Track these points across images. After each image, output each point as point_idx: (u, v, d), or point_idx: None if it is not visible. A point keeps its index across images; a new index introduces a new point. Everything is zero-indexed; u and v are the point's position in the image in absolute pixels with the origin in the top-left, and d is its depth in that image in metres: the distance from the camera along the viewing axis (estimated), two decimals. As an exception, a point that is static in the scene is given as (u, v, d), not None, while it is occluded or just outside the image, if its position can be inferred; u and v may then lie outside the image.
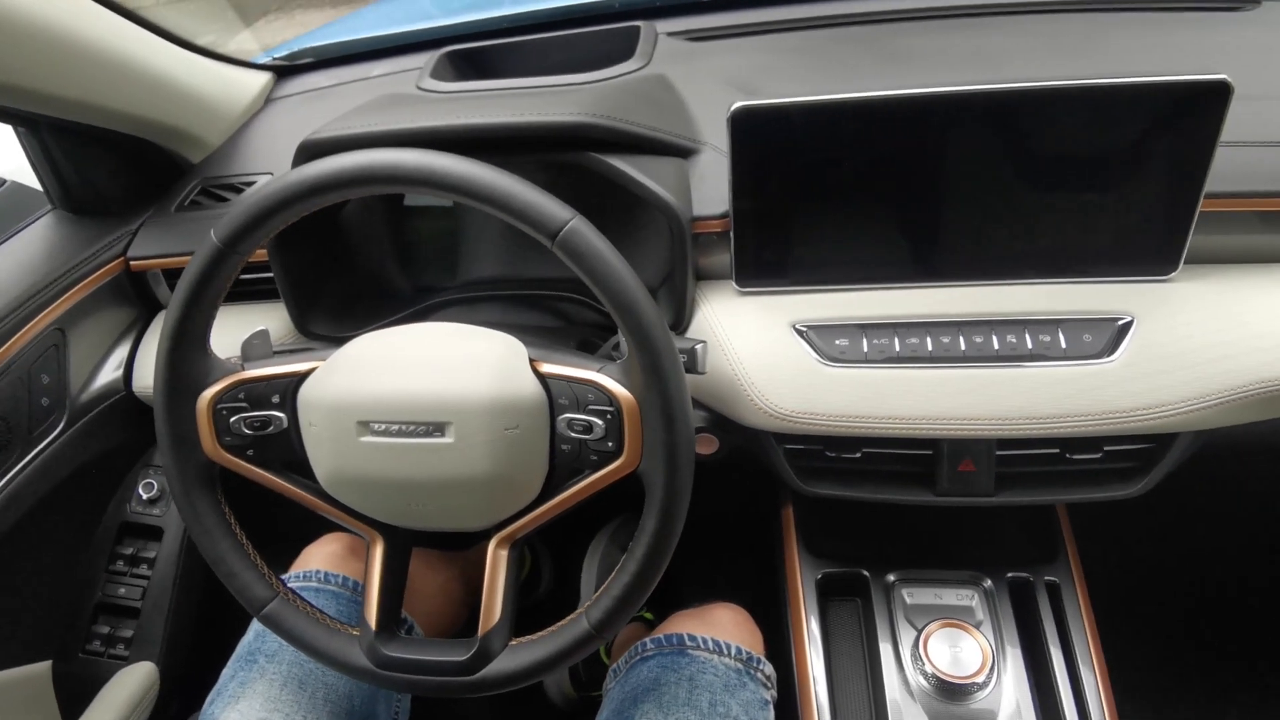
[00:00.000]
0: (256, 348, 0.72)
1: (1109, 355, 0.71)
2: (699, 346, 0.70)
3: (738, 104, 0.70)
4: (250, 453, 0.70)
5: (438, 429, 0.64)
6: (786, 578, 0.89)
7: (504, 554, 0.70)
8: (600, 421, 0.64)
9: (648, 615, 1.27)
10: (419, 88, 1.01)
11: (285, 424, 0.69)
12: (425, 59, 1.09)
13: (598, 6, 1.16)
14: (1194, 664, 1.28)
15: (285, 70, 1.22)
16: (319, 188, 0.63)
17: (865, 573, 0.87)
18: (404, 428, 0.64)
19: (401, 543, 0.74)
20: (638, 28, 1.06)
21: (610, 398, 0.64)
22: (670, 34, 1.08)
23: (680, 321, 0.80)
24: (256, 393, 0.69)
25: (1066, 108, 0.67)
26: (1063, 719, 0.76)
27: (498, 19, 1.20)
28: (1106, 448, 0.74)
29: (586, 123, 0.73)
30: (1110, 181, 0.70)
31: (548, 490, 0.68)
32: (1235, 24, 0.93)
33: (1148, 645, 1.29)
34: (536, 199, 0.60)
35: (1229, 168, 0.72)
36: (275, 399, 0.69)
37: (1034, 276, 0.75)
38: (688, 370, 0.70)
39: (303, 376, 0.69)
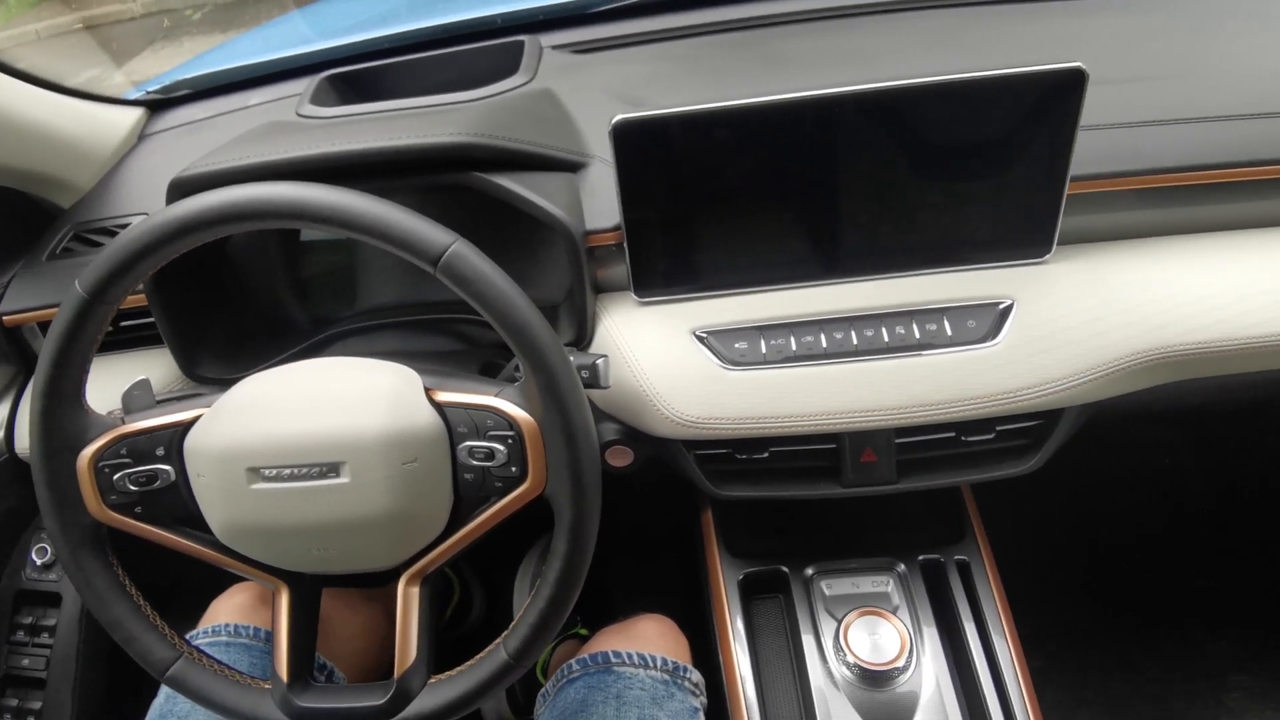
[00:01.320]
0: (137, 399, 0.69)
1: (992, 339, 0.73)
2: (600, 361, 0.70)
3: (618, 117, 0.70)
4: (138, 510, 0.66)
5: (332, 469, 0.62)
6: (709, 580, 0.90)
7: (415, 591, 0.68)
8: (502, 447, 0.63)
9: (581, 631, 1.27)
10: (299, 114, 0.98)
11: (173, 477, 0.66)
12: (305, 84, 1.06)
13: (481, 23, 1.15)
14: (1099, 622, 1.34)
15: (160, 104, 1.17)
16: (185, 229, 0.61)
17: (785, 569, 0.88)
18: (296, 471, 0.62)
19: (308, 588, 0.71)
20: (522, 43, 1.05)
21: (510, 422, 0.63)
22: (555, 47, 1.07)
23: (583, 336, 0.80)
24: (139, 447, 0.66)
25: (934, 103, 0.70)
26: (980, 694, 0.78)
27: (379, 39, 1.17)
28: (999, 428, 0.77)
29: (468, 143, 0.72)
30: (982, 171, 0.73)
31: (455, 521, 0.67)
32: (1090, 10, 0.98)
33: (1056, 609, 1.35)
34: (415, 225, 0.59)
35: (1096, 150, 0.75)
36: (160, 452, 0.66)
37: (920, 267, 0.77)
38: (590, 386, 0.69)
39: (187, 426, 0.66)
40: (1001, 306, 0.74)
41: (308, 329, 0.95)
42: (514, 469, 0.64)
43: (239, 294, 0.91)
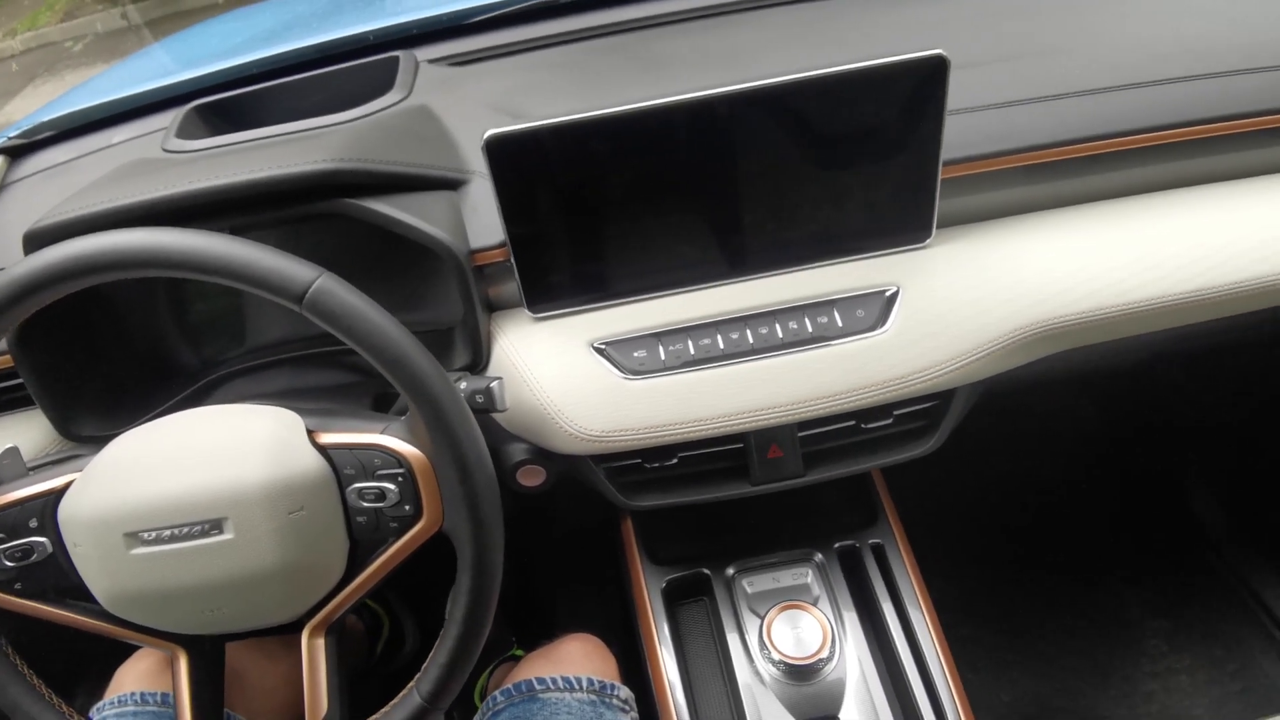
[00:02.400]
0: (7, 468, 0.65)
1: (881, 327, 0.74)
2: (495, 384, 0.68)
3: (490, 132, 0.68)
4: (18, 586, 0.63)
5: (214, 526, 0.59)
6: (633, 590, 0.89)
7: (320, 642, 0.66)
8: (392, 486, 0.61)
9: (517, 651, 1.25)
10: (164, 150, 0.93)
11: (50, 548, 0.63)
12: (172, 117, 1.01)
13: (353, 41, 1.12)
14: (1020, 585, 1.39)
15: (21, 150, 1.10)
16: (31, 288, 0.57)
17: (707, 571, 0.88)
18: (176, 531, 0.59)
19: (209, 649, 0.68)
20: (396, 58, 1.03)
21: (398, 459, 0.61)
22: (432, 61, 1.05)
23: (479, 359, 0.78)
24: (10, 520, 0.62)
25: (806, 98, 0.70)
26: (904, 674, 0.79)
27: (249, 64, 1.12)
28: (896, 412, 0.78)
29: (333, 169, 0.70)
30: (859, 162, 0.74)
31: (353, 566, 0.64)
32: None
33: (977, 578, 1.39)
34: (275, 263, 0.56)
35: (967, 133, 0.77)
36: (33, 523, 0.63)
37: (808, 261, 0.78)
38: (486, 410, 0.68)
39: (59, 493, 0.62)
40: (888, 294, 0.76)
41: (196, 370, 0.90)
42: (407, 507, 0.62)
43: (117, 340, 0.86)
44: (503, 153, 0.69)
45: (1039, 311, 0.75)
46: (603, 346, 0.75)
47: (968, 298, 0.75)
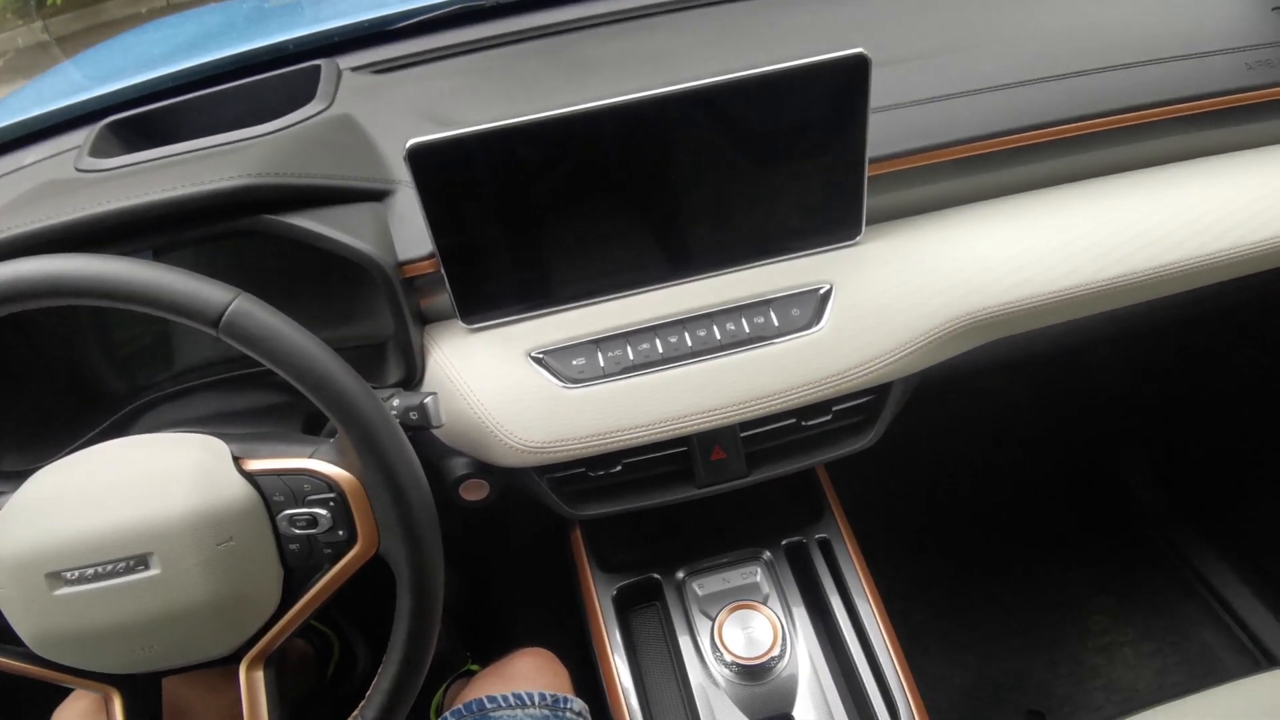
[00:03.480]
0: None
1: (817, 324, 0.74)
2: (428, 400, 0.67)
3: (412, 141, 0.67)
4: None
5: (139, 562, 0.57)
6: (584, 599, 0.88)
7: (259, 674, 0.64)
8: (324, 511, 0.59)
9: (472, 667, 1.23)
10: (77, 169, 0.89)
11: None
12: (85, 135, 0.96)
13: (272, 50, 1.08)
14: (965, 570, 1.42)
15: (-72, 175, 1.04)
16: None
17: (657, 576, 0.87)
18: (100, 569, 0.56)
19: (144, 688, 0.66)
20: (318, 67, 1.00)
21: (328, 483, 0.59)
22: (355, 69, 1.02)
23: (413, 374, 0.76)
24: None
25: (733, 100, 0.70)
26: (855, 667, 0.80)
27: (165, 78, 1.08)
28: (835, 408, 0.78)
29: (249, 185, 0.67)
30: (788, 162, 0.74)
31: (288, 595, 0.62)
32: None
33: (924, 566, 1.41)
34: (187, 287, 0.54)
35: (892, 129, 0.78)
36: None
37: (743, 262, 0.78)
38: (420, 426, 0.66)
39: None
40: (821, 291, 0.76)
41: (123, 396, 0.87)
42: (341, 533, 0.60)
43: (38, 368, 0.82)
44: (427, 162, 0.68)
45: (969, 303, 0.76)
46: (540, 355, 0.74)
47: (899, 292, 0.76)
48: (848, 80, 0.70)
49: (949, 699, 1.25)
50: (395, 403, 0.66)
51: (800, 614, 0.84)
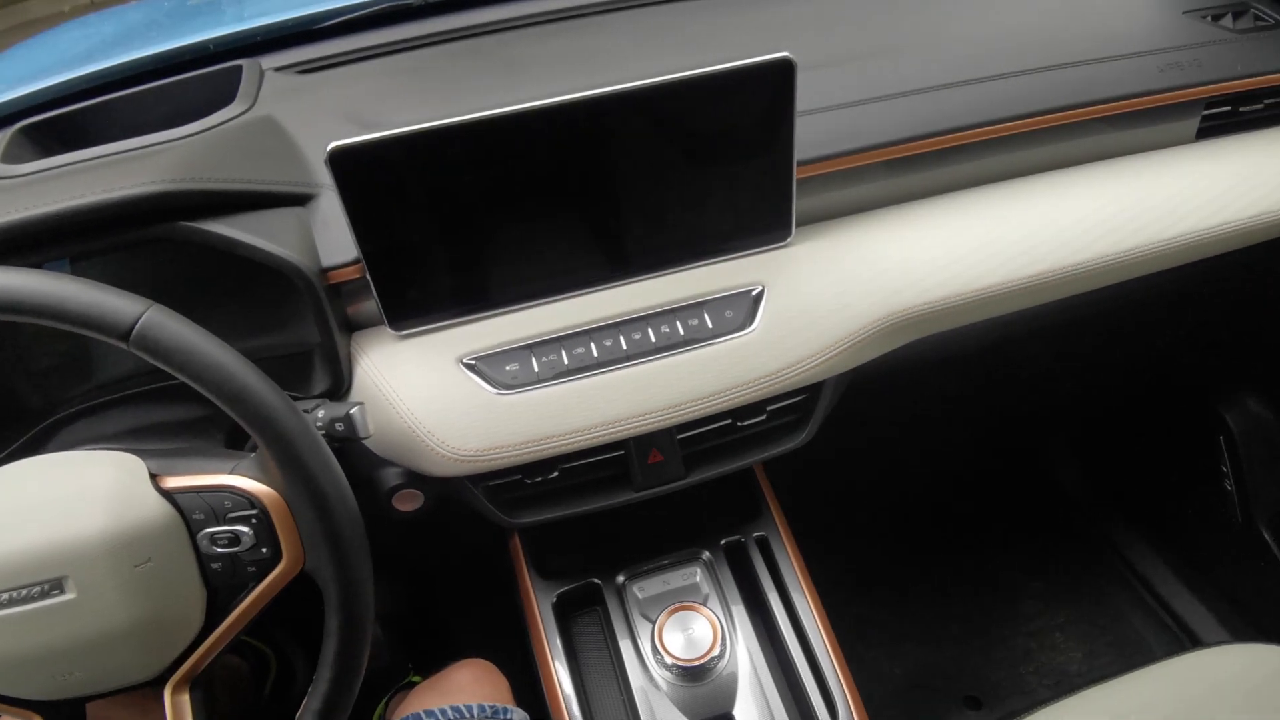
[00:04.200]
0: None
1: (749, 326, 0.75)
2: (354, 410, 0.65)
3: (333, 144, 0.65)
4: None
5: (54, 586, 0.54)
6: (524, 606, 0.87)
7: (184, 698, 0.62)
8: (246, 529, 0.58)
9: (414, 678, 1.21)
10: None
11: None
12: None
13: (193, 50, 1.05)
14: (903, 561, 1.45)
15: None
16: None
17: (597, 581, 0.87)
18: (13, 595, 0.54)
19: (69, 714, 0.63)
20: (239, 68, 0.97)
21: (250, 499, 0.58)
22: (278, 69, 0.99)
23: (341, 383, 0.74)
24: None
25: (661, 102, 0.70)
26: (793, 665, 0.80)
27: (80, 79, 1.04)
28: (769, 408, 0.79)
29: (164, 191, 0.65)
30: (717, 163, 0.74)
31: (213, 616, 0.60)
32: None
33: (863, 559, 1.44)
34: (95, 299, 0.52)
35: (819, 132, 0.79)
36: None
37: (676, 264, 0.78)
38: (348, 438, 0.65)
39: None
40: (754, 293, 0.76)
41: (39, 410, 0.83)
42: (265, 550, 0.58)
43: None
44: (349, 165, 0.66)
45: (895, 302, 0.77)
46: (473, 362, 0.73)
47: (828, 293, 0.77)
48: (774, 84, 0.70)
49: (890, 688, 1.27)
50: (320, 414, 0.65)
51: (740, 613, 0.84)
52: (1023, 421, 1.53)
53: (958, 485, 1.55)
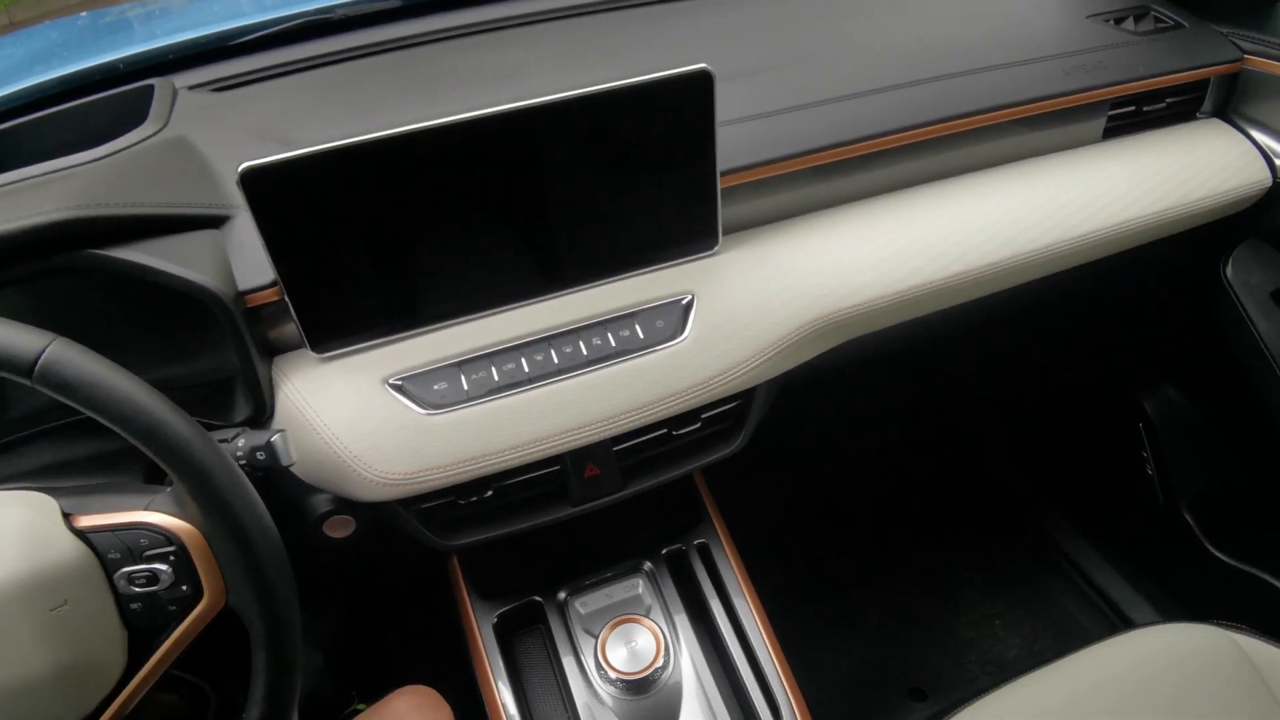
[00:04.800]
0: None
1: (680, 335, 0.75)
2: (276, 438, 0.63)
3: (244, 165, 0.63)
4: None
5: None
6: (465, 628, 0.86)
7: None
8: (164, 567, 0.56)
9: (360, 706, 1.18)
10: None
11: None
12: None
13: (102, 70, 1.01)
14: (845, 560, 1.47)
15: None
16: None
17: (539, 599, 0.86)
18: None
19: None
20: (150, 87, 0.94)
21: (167, 536, 0.55)
22: (192, 87, 0.97)
23: (263, 409, 0.72)
24: None
25: (582, 115, 0.69)
26: (736, 671, 0.81)
27: (-22, 103, 1.00)
28: (703, 416, 0.79)
29: (68, 218, 0.62)
30: (642, 175, 0.74)
31: (135, 658, 0.58)
32: (726, 6, 1.03)
33: (806, 562, 1.46)
34: None
35: (742, 141, 0.79)
36: None
37: (605, 276, 0.77)
38: (270, 467, 0.63)
39: None
40: (684, 302, 0.77)
41: None
42: (185, 588, 0.56)
43: None
44: (262, 186, 0.64)
45: (820, 307, 0.79)
46: (399, 382, 0.72)
47: (756, 300, 0.77)
48: (694, 95, 0.71)
49: (837, 686, 1.28)
50: (241, 443, 0.63)
51: (683, 622, 0.84)
52: (956, 416, 1.57)
53: (894, 482, 1.58)
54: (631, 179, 0.74)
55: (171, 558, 0.55)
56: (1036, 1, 1.04)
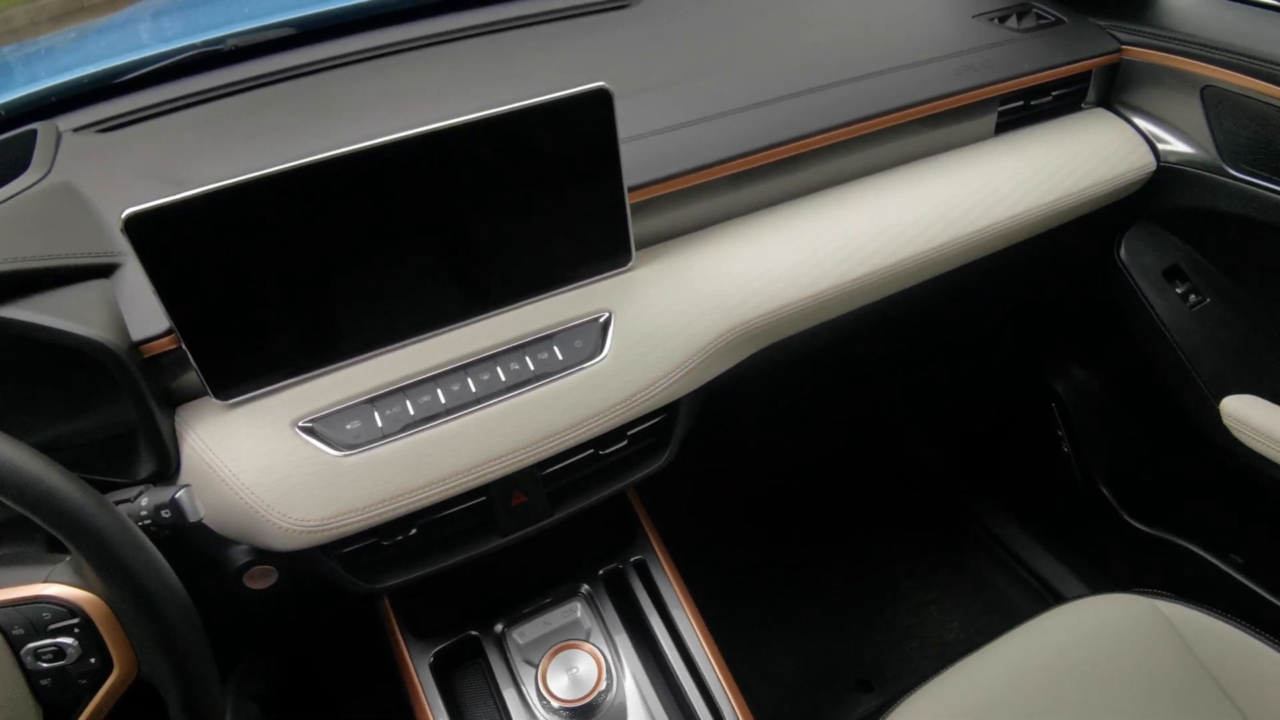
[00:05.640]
0: None
1: (599, 354, 0.75)
2: (181, 493, 0.61)
3: (128, 211, 0.60)
4: None
5: None
6: (400, 670, 0.84)
7: None
8: (70, 640, 0.53)
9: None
10: None
11: None
12: None
13: (-24, 118, 0.96)
14: (783, 564, 1.49)
15: None
16: None
17: (475, 633, 0.84)
18: None
19: None
20: (34, 131, 0.89)
21: (70, 608, 0.53)
22: (77, 129, 0.92)
23: (167, 464, 0.69)
24: None
25: (483, 138, 0.68)
26: (679, 685, 0.80)
27: None
28: (629, 433, 0.79)
29: None
30: (550, 195, 0.73)
31: None
32: (622, 21, 1.04)
33: (746, 570, 1.47)
34: None
35: (649, 155, 0.80)
36: None
37: (520, 299, 0.76)
38: (177, 524, 0.60)
39: None
40: (601, 320, 0.76)
41: None
42: (93, 660, 0.53)
43: None
44: (149, 231, 0.61)
45: (736, 316, 0.79)
46: (310, 424, 0.69)
47: (673, 313, 0.77)
48: (594, 113, 0.71)
49: (786, 687, 1.29)
50: (144, 501, 0.60)
51: (623, 641, 0.84)
52: (878, 411, 1.61)
53: (825, 479, 1.60)
54: (539, 200, 0.73)
55: (76, 630, 0.53)
56: (924, 4, 1.08)
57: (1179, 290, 1.07)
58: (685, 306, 0.78)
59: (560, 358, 0.74)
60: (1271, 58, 0.90)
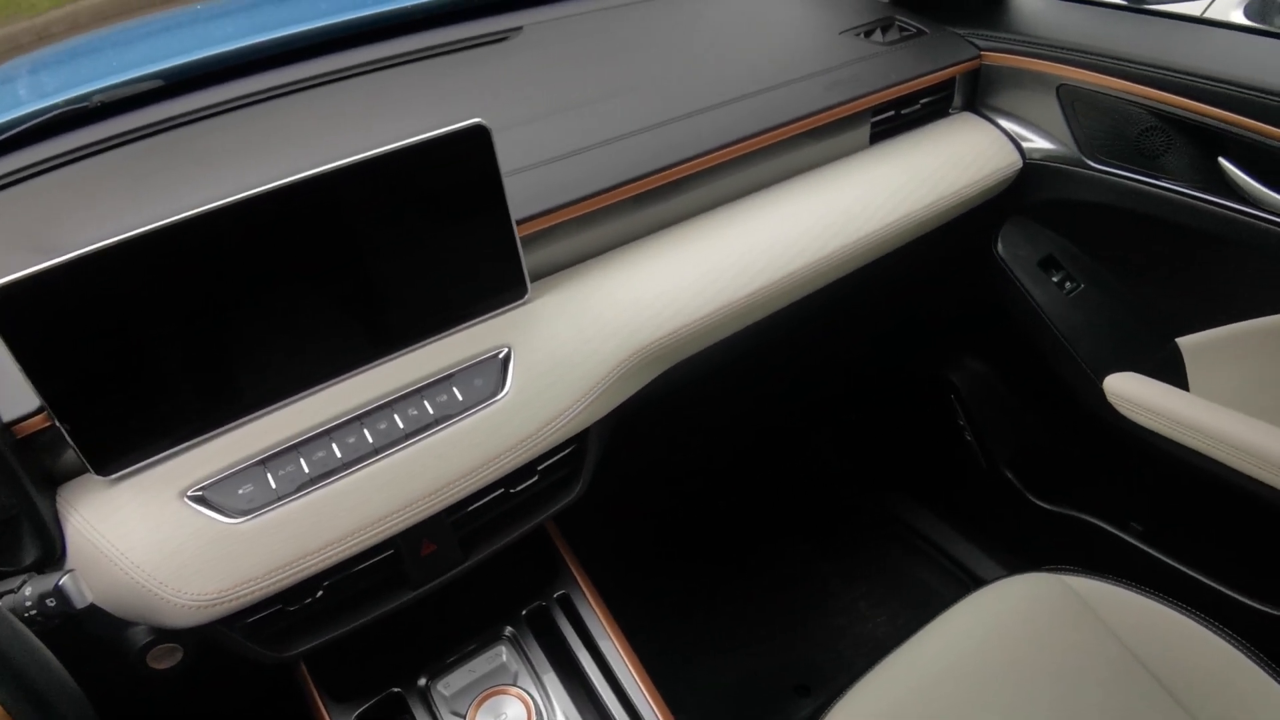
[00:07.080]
0: None
1: (501, 391, 0.74)
2: (65, 580, 0.57)
3: None
4: None
5: None
6: (321, 738, 0.80)
7: None
8: None
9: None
10: None
11: None
12: None
13: None
14: (710, 577, 1.49)
15: None
16: None
17: (398, 689, 0.81)
18: None
19: None
20: None
21: None
22: None
23: (52, 550, 0.64)
24: None
25: (355, 183, 0.67)
26: (612, 718, 0.79)
27: None
28: (539, 468, 0.78)
29: None
30: (437, 233, 0.72)
31: None
32: (504, 53, 1.04)
33: (675, 588, 1.47)
34: None
35: (536, 187, 0.80)
36: None
37: (414, 341, 0.75)
38: (66, 611, 0.57)
39: None
40: (500, 355, 0.75)
41: None
42: None
43: None
44: (9, 306, 0.58)
45: (636, 340, 0.79)
46: (199, 493, 0.66)
47: (574, 342, 0.77)
48: (474, 149, 0.70)
49: (724, 701, 1.30)
50: (28, 591, 0.57)
51: (552, 680, 0.82)
52: (788, 419, 1.64)
53: (743, 492, 1.62)
54: (426, 240, 0.72)
55: None
56: (794, 23, 1.11)
57: (1054, 279, 1.13)
58: (588, 335, 0.78)
59: (460, 398, 0.73)
60: (1116, 54, 0.96)
